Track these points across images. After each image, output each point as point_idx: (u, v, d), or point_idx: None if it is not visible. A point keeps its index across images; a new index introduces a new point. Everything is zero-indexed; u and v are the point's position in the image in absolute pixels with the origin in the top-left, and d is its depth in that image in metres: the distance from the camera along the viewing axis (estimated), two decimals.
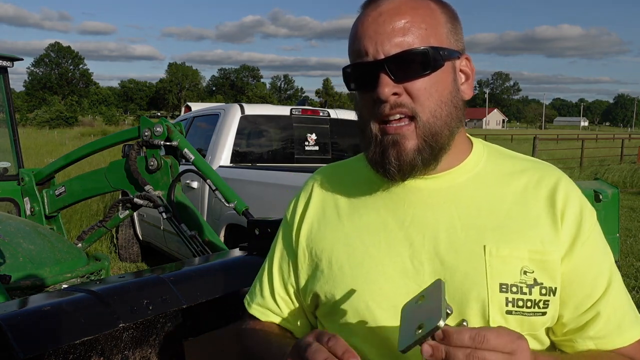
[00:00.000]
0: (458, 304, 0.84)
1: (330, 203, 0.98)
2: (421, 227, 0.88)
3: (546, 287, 0.84)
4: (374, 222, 0.91)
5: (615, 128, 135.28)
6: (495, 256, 0.84)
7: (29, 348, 0.99)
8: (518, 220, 0.86)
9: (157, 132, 2.85)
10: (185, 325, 1.37)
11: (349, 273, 0.90)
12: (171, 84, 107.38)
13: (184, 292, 1.31)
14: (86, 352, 1.10)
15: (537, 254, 0.84)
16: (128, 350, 1.22)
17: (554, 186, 0.89)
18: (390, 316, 0.86)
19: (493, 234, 0.85)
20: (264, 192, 3.89)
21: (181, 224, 2.72)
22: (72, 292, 1.19)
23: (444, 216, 0.88)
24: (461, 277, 0.84)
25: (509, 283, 0.83)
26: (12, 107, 3.80)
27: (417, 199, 0.90)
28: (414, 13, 0.85)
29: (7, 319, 1.01)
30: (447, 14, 0.88)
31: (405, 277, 0.87)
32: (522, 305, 0.83)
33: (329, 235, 0.95)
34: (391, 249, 0.88)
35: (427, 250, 0.86)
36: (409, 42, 0.83)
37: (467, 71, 0.90)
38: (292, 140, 4.98)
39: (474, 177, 0.91)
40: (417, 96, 0.84)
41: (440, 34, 0.86)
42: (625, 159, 19.38)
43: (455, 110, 0.87)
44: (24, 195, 3.46)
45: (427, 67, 0.83)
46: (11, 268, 2.26)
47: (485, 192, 0.89)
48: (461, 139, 0.92)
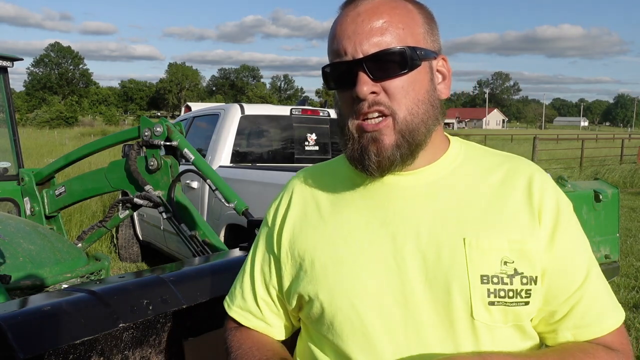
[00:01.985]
0: (441, 298, 0.85)
1: (311, 203, 0.99)
2: (402, 223, 0.89)
3: (527, 277, 0.85)
4: (355, 221, 0.92)
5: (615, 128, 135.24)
6: (475, 248, 0.85)
7: (29, 348, 0.99)
8: (496, 212, 0.88)
9: (157, 132, 2.85)
10: (185, 325, 1.37)
11: (332, 272, 0.90)
12: (171, 84, 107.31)
13: (184, 292, 1.31)
14: (86, 352, 1.10)
15: (516, 243, 0.85)
16: (128, 350, 1.22)
17: (529, 178, 0.91)
18: (375, 314, 0.87)
19: (472, 227, 0.87)
20: (264, 192, 3.89)
21: (181, 224, 2.72)
22: (72, 292, 1.19)
23: (424, 211, 0.89)
24: (443, 271, 0.85)
25: (490, 274, 0.84)
26: (12, 107, 3.80)
27: (397, 195, 0.91)
28: (392, 13, 0.87)
29: (7, 319, 1.01)
30: (424, 16, 0.91)
31: (389, 274, 0.87)
32: (504, 296, 0.84)
33: (311, 236, 0.95)
34: (373, 246, 0.89)
35: (409, 246, 0.87)
36: (387, 41, 0.85)
37: (443, 71, 0.92)
38: (292, 140, 4.98)
39: (452, 172, 0.93)
40: (395, 94, 0.86)
41: (417, 35, 0.88)
42: (625, 159, 19.37)
43: (432, 109, 0.89)
44: (24, 195, 3.46)
45: (405, 67, 0.86)
46: (11, 268, 2.26)
47: (464, 186, 0.91)
48: (439, 136, 0.94)
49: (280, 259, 0.99)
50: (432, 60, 0.90)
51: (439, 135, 0.94)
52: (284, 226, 1.00)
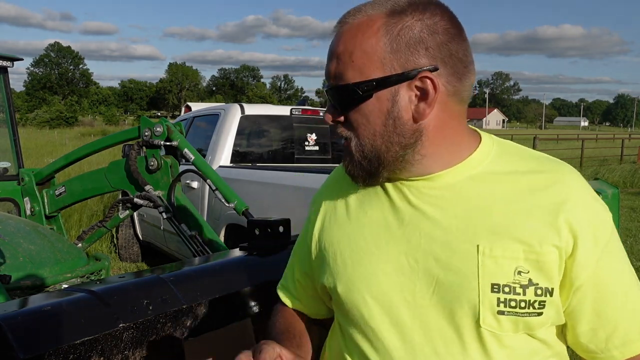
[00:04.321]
0: (449, 303, 0.85)
1: (341, 199, 1.02)
2: (418, 226, 0.90)
3: (542, 288, 0.84)
4: (376, 220, 0.95)
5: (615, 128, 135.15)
6: (489, 256, 0.84)
7: (29, 348, 0.99)
8: (516, 220, 0.85)
9: (157, 132, 2.85)
10: (185, 325, 1.37)
11: (350, 267, 0.95)
12: (171, 84, 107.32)
13: (184, 292, 1.31)
14: (86, 352, 1.10)
15: (532, 254, 0.84)
16: (128, 350, 1.22)
17: (566, 191, 0.87)
18: (384, 311, 0.90)
19: (488, 234, 0.85)
20: (264, 192, 3.89)
21: (181, 224, 2.72)
22: (72, 292, 1.19)
23: (441, 214, 0.89)
24: (453, 276, 0.86)
25: (501, 283, 0.83)
26: (12, 107, 3.80)
27: (415, 198, 0.92)
28: (349, 43, 0.87)
29: (7, 319, 1.01)
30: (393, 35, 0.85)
31: (401, 274, 0.90)
32: (515, 306, 0.83)
33: (336, 231, 1.00)
34: (390, 246, 0.92)
35: (423, 249, 0.88)
36: (338, 75, 0.89)
37: (425, 89, 0.86)
38: (292, 140, 4.98)
39: (475, 175, 0.90)
40: (351, 124, 0.91)
41: (371, 63, 0.86)
42: (625, 159, 19.38)
43: (397, 136, 0.88)
44: (24, 195, 3.46)
45: (351, 102, 0.88)
46: (11, 268, 2.26)
47: (486, 190, 0.89)
48: (453, 140, 0.91)
49: (311, 249, 1.06)
50: (396, 85, 0.86)
51: (452, 139, 0.91)
52: (317, 218, 1.05)
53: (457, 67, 0.87)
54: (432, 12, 0.86)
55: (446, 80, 0.86)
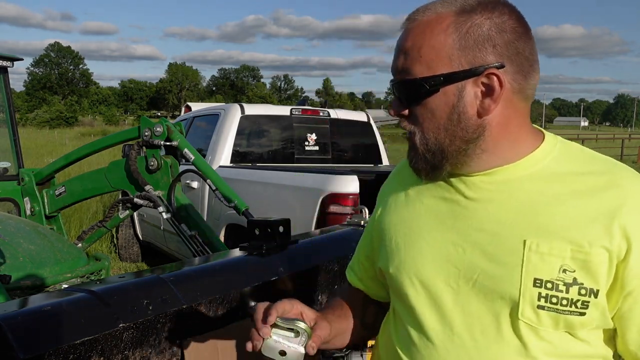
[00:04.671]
0: (491, 293, 0.89)
1: (402, 188, 1.08)
2: (470, 218, 0.94)
3: (586, 288, 0.85)
4: (431, 209, 1.00)
5: (615, 128, 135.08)
6: (535, 252, 0.86)
7: (29, 348, 0.99)
8: (568, 220, 0.87)
9: (157, 132, 2.85)
10: (185, 325, 1.37)
11: (402, 251, 1.01)
12: (171, 84, 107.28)
13: (184, 292, 1.31)
14: (86, 352, 1.10)
15: (580, 254, 0.85)
16: (128, 350, 1.22)
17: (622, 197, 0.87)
18: (428, 295, 0.96)
19: (537, 231, 0.87)
20: (264, 192, 3.89)
21: (181, 224, 2.72)
22: (72, 292, 1.19)
23: (493, 209, 0.92)
24: (497, 268, 0.89)
25: (544, 279, 0.85)
26: (12, 107, 3.80)
27: (471, 192, 0.95)
28: (417, 39, 0.91)
29: (7, 319, 1.01)
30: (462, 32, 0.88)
31: (447, 261, 0.94)
32: (557, 302, 0.85)
33: (394, 216, 1.06)
34: (440, 234, 0.96)
35: (471, 240, 0.92)
36: (405, 70, 0.92)
37: (491, 86, 0.88)
38: (292, 140, 4.98)
39: (533, 173, 0.92)
40: (416, 118, 0.93)
41: (440, 59, 0.89)
42: (625, 158, 19.39)
43: (461, 131, 0.90)
44: (24, 195, 3.46)
45: (418, 96, 0.91)
46: (11, 268, 2.26)
47: (541, 189, 0.90)
48: (515, 137, 0.93)
49: (372, 234, 1.14)
50: (463, 81, 0.89)
51: (515, 135, 0.93)
52: (380, 203, 1.13)
53: (523, 65, 0.89)
54: (501, 11, 0.89)
55: (512, 78, 0.89)
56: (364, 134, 5.38)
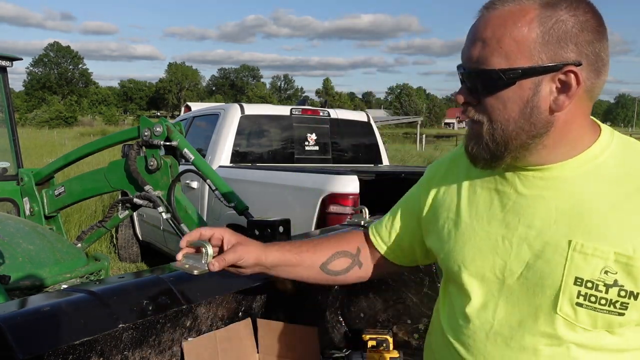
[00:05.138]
0: (533, 286, 0.93)
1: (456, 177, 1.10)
2: (519, 212, 0.96)
3: (626, 290, 0.87)
4: (483, 201, 1.02)
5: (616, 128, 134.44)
6: (579, 252, 0.88)
7: (29, 348, 0.98)
8: (616, 222, 0.88)
9: (156, 132, 2.85)
10: (185, 325, 1.37)
11: (453, 239, 1.05)
12: (171, 83, 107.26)
13: (184, 292, 1.30)
14: (86, 352, 1.10)
15: (624, 257, 0.86)
16: (128, 351, 1.22)
17: None
18: (474, 281, 1.01)
19: (583, 231, 0.89)
20: (264, 192, 3.89)
21: (181, 224, 2.72)
22: (72, 292, 1.19)
23: (543, 205, 0.94)
24: (542, 263, 0.92)
25: (585, 278, 0.88)
26: (11, 107, 3.80)
27: (523, 186, 0.97)
28: (499, 29, 0.89)
29: (6, 320, 1.00)
30: (547, 27, 0.87)
31: (495, 253, 0.98)
32: (595, 301, 0.88)
33: (448, 204, 1.09)
34: (490, 226, 1.00)
35: (519, 234, 0.95)
36: (482, 59, 0.90)
37: (568, 83, 0.88)
38: (292, 140, 4.98)
39: (586, 171, 0.93)
40: (485, 108, 0.93)
41: (521, 51, 0.88)
42: None
43: (529, 125, 0.90)
44: (23, 195, 3.46)
45: (492, 87, 0.90)
46: (10, 268, 2.26)
47: (592, 189, 0.91)
48: (576, 134, 0.93)
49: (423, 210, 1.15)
50: (541, 76, 0.88)
51: (576, 132, 0.93)
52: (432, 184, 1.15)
53: (598, 64, 0.90)
54: (584, 9, 0.88)
55: (586, 76, 0.89)
56: (364, 134, 5.38)
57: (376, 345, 1.85)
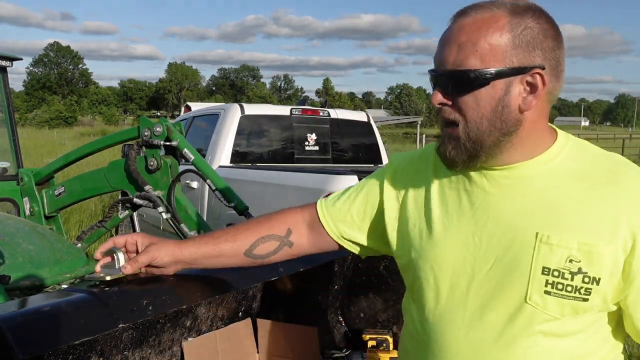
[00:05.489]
0: (502, 279, 0.98)
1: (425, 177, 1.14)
2: (487, 210, 1.02)
3: (590, 277, 0.93)
4: (452, 200, 1.07)
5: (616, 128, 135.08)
6: (545, 243, 0.95)
7: (29, 348, 0.98)
8: (577, 215, 0.95)
9: (156, 132, 2.85)
10: (185, 325, 1.37)
11: (425, 238, 1.09)
12: (171, 83, 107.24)
13: (184, 292, 1.30)
14: (86, 352, 1.10)
15: (586, 245, 0.93)
16: (128, 351, 1.22)
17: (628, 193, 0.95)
18: (445, 278, 1.05)
19: (548, 224, 0.96)
20: (264, 192, 3.89)
21: (181, 224, 2.72)
22: (72, 292, 1.19)
23: (510, 202, 1.00)
24: (511, 256, 0.98)
25: (552, 267, 0.94)
26: (11, 107, 3.80)
27: (489, 185, 1.03)
28: (474, 34, 0.96)
29: (6, 320, 1.00)
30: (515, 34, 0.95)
31: (465, 249, 1.03)
32: (562, 289, 0.94)
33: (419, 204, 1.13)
34: (460, 224, 1.05)
35: (488, 230, 1.01)
36: (457, 63, 0.97)
37: (535, 84, 0.96)
38: (292, 140, 4.98)
39: (548, 170, 1.00)
40: (460, 107, 0.98)
41: (494, 55, 0.95)
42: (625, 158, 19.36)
43: (502, 123, 0.97)
44: (23, 195, 3.46)
45: (468, 86, 0.97)
46: (10, 268, 2.26)
47: (554, 185, 0.99)
48: (539, 134, 1.01)
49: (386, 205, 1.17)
50: (511, 77, 0.96)
51: (540, 133, 1.01)
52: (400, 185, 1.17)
53: (558, 69, 0.99)
54: (546, 19, 0.98)
55: (549, 79, 0.97)
56: (364, 134, 5.38)
57: (376, 345, 1.85)
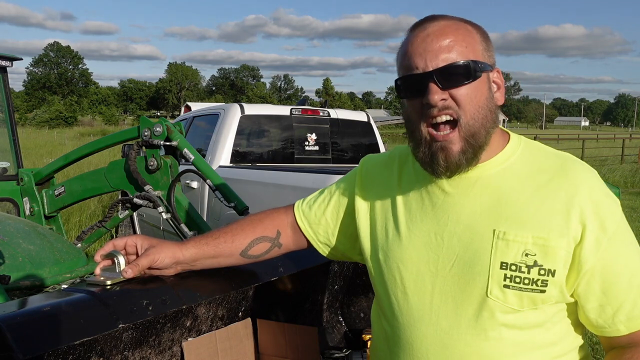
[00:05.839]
0: (464, 275, 1.02)
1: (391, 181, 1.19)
2: (448, 209, 1.07)
3: (545, 269, 0.99)
4: (416, 202, 1.12)
5: (616, 128, 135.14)
6: (502, 239, 1.00)
7: (29, 349, 0.98)
8: (530, 211, 1.01)
9: (156, 132, 2.85)
10: (185, 326, 1.37)
11: (390, 239, 1.13)
12: (171, 83, 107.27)
13: (184, 292, 1.30)
14: (86, 352, 1.10)
15: (540, 239, 0.99)
16: (128, 351, 1.22)
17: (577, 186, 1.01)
18: (410, 278, 1.09)
19: (504, 221, 1.01)
20: (264, 192, 3.89)
21: (181, 224, 2.72)
22: (72, 292, 1.19)
23: (469, 202, 1.05)
24: (471, 253, 1.02)
25: (509, 262, 0.99)
26: (11, 107, 3.80)
27: (449, 186, 1.08)
28: (456, 34, 1.03)
29: (6, 320, 1.00)
30: (481, 35, 1.06)
31: (428, 248, 1.07)
32: (520, 282, 0.99)
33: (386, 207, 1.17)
34: (423, 224, 1.09)
35: (449, 229, 1.06)
36: (453, 57, 1.01)
37: (498, 82, 1.08)
38: (292, 140, 4.98)
39: (503, 169, 1.06)
40: (461, 101, 1.01)
41: (477, 51, 1.04)
42: (625, 158, 19.41)
43: (490, 114, 1.04)
44: (23, 195, 3.46)
45: (469, 77, 1.01)
46: (10, 268, 2.26)
47: (510, 183, 1.04)
48: (496, 136, 1.07)
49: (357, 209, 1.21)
50: (489, 72, 1.06)
51: (497, 134, 1.08)
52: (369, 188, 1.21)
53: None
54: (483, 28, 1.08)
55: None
56: (364, 134, 5.38)
57: None
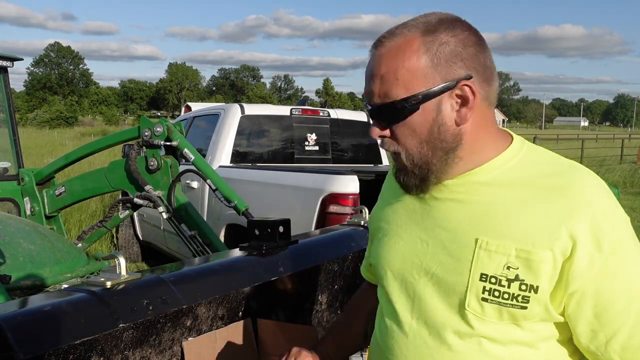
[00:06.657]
0: (445, 284, 0.99)
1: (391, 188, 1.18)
2: (435, 216, 1.04)
3: (527, 284, 0.92)
4: (407, 208, 1.10)
5: (615, 128, 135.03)
6: (484, 249, 0.95)
7: (29, 348, 0.99)
8: (517, 222, 0.93)
9: (157, 132, 2.85)
10: (185, 325, 1.37)
11: (383, 245, 1.13)
12: (171, 84, 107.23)
13: (184, 292, 1.31)
14: (86, 352, 1.10)
15: (524, 252, 0.92)
16: (128, 351, 1.22)
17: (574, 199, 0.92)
18: (395, 283, 1.08)
19: (489, 231, 0.96)
20: (264, 192, 3.89)
21: (181, 224, 2.72)
22: (72, 292, 1.19)
23: (456, 209, 1.01)
24: (453, 262, 0.99)
25: (489, 274, 0.94)
26: (12, 107, 3.80)
27: (439, 192, 1.04)
28: (391, 63, 0.96)
29: (7, 319, 1.01)
30: (433, 52, 0.95)
31: (414, 254, 1.05)
32: (499, 296, 0.93)
33: (381, 214, 1.18)
34: (411, 230, 1.08)
35: (435, 236, 1.03)
36: (383, 93, 0.97)
37: (465, 96, 0.96)
38: (292, 140, 4.98)
39: (496, 176, 0.99)
40: (398, 138, 1.00)
41: (416, 79, 0.95)
42: (625, 159, 19.41)
43: (442, 143, 0.98)
44: (24, 195, 3.46)
45: (399, 116, 0.97)
46: (11, 268, 2.26)
47: (500, 191, 0.98)
48: (486, 141, 1.00)
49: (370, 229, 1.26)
50: (439, 95, 0.95)
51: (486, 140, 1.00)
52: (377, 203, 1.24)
53: (487, 73, 0.98)
54: (461, 28, 0.97)
55: (479, 86, 0.96)
56: (364, 134, 5.38)
57: None
